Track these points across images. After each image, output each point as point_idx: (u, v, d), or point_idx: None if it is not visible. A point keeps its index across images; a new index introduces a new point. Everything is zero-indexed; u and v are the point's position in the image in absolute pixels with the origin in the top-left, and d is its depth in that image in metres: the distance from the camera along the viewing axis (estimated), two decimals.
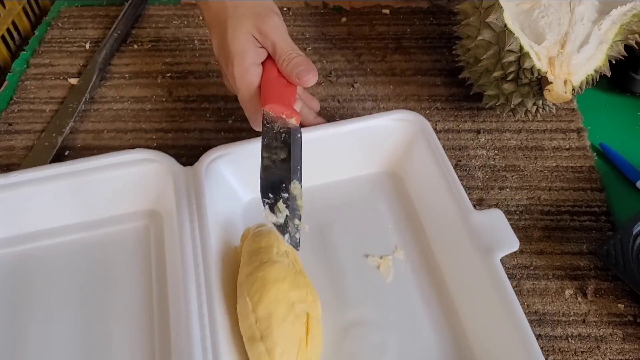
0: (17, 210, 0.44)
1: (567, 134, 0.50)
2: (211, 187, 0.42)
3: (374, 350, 0.38)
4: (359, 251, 0.43)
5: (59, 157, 0.51)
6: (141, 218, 0.45)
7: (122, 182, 0.44)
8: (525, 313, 0.39)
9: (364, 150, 0.46)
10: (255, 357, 0.34)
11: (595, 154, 0.49)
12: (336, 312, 0.39)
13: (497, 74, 0.45)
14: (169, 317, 0.39)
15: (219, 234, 0.41)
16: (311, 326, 0.35)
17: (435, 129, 0.51)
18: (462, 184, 0.47)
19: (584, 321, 0.39)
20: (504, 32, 0.43)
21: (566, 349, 0.38)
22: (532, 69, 0.43)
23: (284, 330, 0.34)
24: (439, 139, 0.50)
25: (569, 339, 0.39)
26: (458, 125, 0.51)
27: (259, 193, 0.43)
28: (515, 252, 0.43)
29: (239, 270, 0.38)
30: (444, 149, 0.49)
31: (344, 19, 0.62)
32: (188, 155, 0.50)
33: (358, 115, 0.53)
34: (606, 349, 0.38)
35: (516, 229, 0.44)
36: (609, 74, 0.46)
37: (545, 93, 0.42)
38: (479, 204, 0.46)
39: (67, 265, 0.43)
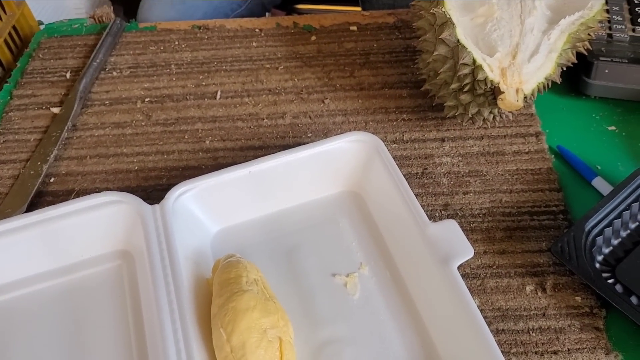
0: None
1: (526, 138, 0.53)
2: (179, 222, 0.44)
3: None
4: (325, 271, 0.44)
5: (44, 184, 0.53)
6: (113, 259, 0.46)
7: (92, 226, 0.45)
8: (489, 310, 0.42)
9: (323, 173, 0.48)
10: None
11: (553, 156, 0.52)
12: (308, 333, 0.41)
13: (454, 85, 0.48)
14: (147, 353, 0.40)
15: (190, 268, 0.42)
16: (285, 350, 0.37)
17: (402, 139, 0.54)
18: (429, 191, 0.50)
19: (544, 315, 0.42)
20: (457, 47, 0.46)
21: (527, 342, 0.41)
22: (485, 80, 0.46)
23: (259, 357, 0.36)
24: (406, 148, 0.53)
25: (530, 332, 0.41)
26: (424, 135, 0.54)
27: (226, 224, 0.44)
28: (479, 253, 0.46)
29: (212, 302, 0.40)
30: (411, 158, 0.52)
31: (313, 37, 0.65)
32: (168, 176, 0.53)
33: (329, 129, 0.56)
34: (565, 339, 0.40)
35: (479, 230, 0.47)
36: (559, 80, 0.48)
37: (499, 102, 0.45)
38: (444, 209, 0.48)
39: (44, 313, 0.44)
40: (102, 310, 0.44)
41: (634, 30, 0.57)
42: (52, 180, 0.54)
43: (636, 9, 0.59)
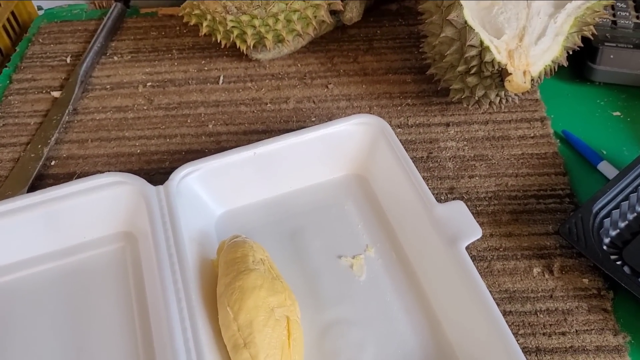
0: None
1: (531, 123, 0.53)
2: (183, 204, 0.43)
3: (354, 346, 0.39)
4: (331, 253, 0.44)
5: (45, 167, 0.53)
6: (116, 241, 0.46)
7: (95, 207, 0.45)
8: (496, 292, 0.42)
9: (329, 156, 0.48)
10: None
11: (558, 140, 0.52)
12: (314, 314, 0.41)
13: (460, 68, 0.47)
14: (151, 334, 0.40)
15: (194, 249, 0.42)
16: (292, 329, 0.37)
17: (406, 124, 0.54)
18: (434, 175, 0.50)
19: (551, 296, 0.42)
20: (465, 29, 0.45)
21: (535, 323, 0.40)
22: (492, 62, 0.45)
23: (266, 336, 0.35)
24: (411, 133, 0.53)
25: (538, 314, 0.41)
26: (428, 120, 0.54)
27: (231, 206, 0.44)
28: (485, 236, 0.45)
29: (218, 281, 0.39)
30: (416, 142, 0.52)
31: None
32: (171, 159, 0.52)
33: (333, 114, 0.55)
34: (572, 320, 0.40)
35: (485, 214, 0.47)
36: (565, 64, 0.48)
37: (506, 84, 0.45)
38: (450, 192, 0.48)
39: (46, 295, 0.43)
40: (105, 292, 0.43)
41: (638, 17, 0.57)
42: (53, 163, 0.53)
43: None
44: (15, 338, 0.41)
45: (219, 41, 0.56)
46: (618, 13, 0.58)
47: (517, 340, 0.39)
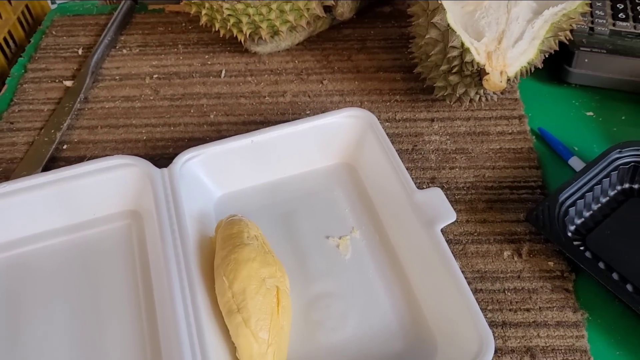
0: (7, 218, 0.48)
1: (510, 120, 0.57)
2: (185, 186, 0.47)
3: (337, 317, 0.43)
4: (320, 233, 0.48)
5: (58, 150, 0.57)
6: (123, 218, 0.50)
7: (104, 186, 0.49)
8: (469, 272, 0.46)
9: (320, 145, 0.52)
10: (234, 328, 0.39)
11: (534, 137, 0.56)
12: (303, 287, 0.45)
13: (443, 67, 0.51)
14: (154, 302, 0.44)
15: (195, 227, 0.46)
16: (281, 298, 0.40)
17: (394, 119, 0.58)
18: (418, 166, 0.54)
19: (519, 277, 0.46)
20: (447, 31, 0.49)
21: (503, 300, 0.44)
22: (472, 62, 0.49)
23: (257, 302, 0.39)
24: (398, 127, 0.57)
25: (506, 292, 0.45)
26: (415, 115, 0.58)
27: (229, 189, 0.48)
28: (462, 222, 0.49)
29: (215, 255, 0.43)
30: (402, 135, 0.56)
31: None
32: (174, 146, 0.56)
33: (327, 108, 0.59)
34: (537, 298, 0.44)
35: (463, 202, 0.51)
36: (540, 65, 0.52)
37: (484, 82, 0.49)
38: (431, 181, 0.52)
39: (58, 266, 0.47)
40: (112, 265, 0.47)
41: (614, 25, 0.61)
42: (64, 147, 0.57)
43: (617, 5, 0.63)
44: (29, 303, 0.45)
45: (217, 30, 0.60)
46: (596, 20, 0.62)
47: (486, 315, 0.43)
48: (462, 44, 0.49)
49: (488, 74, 0.49)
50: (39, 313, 0.44)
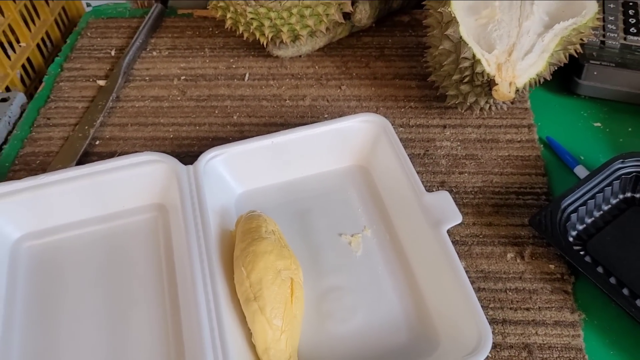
0: (45, 207, 0.51)
1: (519, 128, 0.59)
2: (209, 182, 0.50)
3: (346, 309, 0.46)
4: (333, 231, 0.51)
5: (91, 145, 0.60)
6: (150, 211, 0.53)
7: (134, 181, 0.52)
8: (473, 271, 0.49)
9: (336, 148, 0.55)
10: (251, 314, 0.42)
11: (542, 145, 0.58)
12: (315, 281, 0.48)
13: (456, 77, 0.54)
14: (177, 288, 0.47)
15: (217, 221, 0.49)
16: (295, 289, 0.43)
17: (408, 124, 0.61)
18: (428, 170, 0.56)
19: (520, 278, 0.48)
20: (460, 43, 0.52)
21: (504, 299, 0.47)
22: (482, 73, 0.52)
23: (273, 292, 0.42)
24: (411, 132, 0.60)
25: (507, 292, 0.47)
26: (428, 121, 0.61)
27: (250, 187, 0.51)
28: (468, 224, 0.52)
29: (235, 247, 0.46)
30: (415, 140, 0.59)
31: None
32: (199, 144, 0.60)
33: (344, 112, 0.62)
34: (537, 299, 0.47)
35: (470, 205, 0.53)
36: (549, 77, 0.55)
37: (493, 92, 0.52)
38: (441, 185, 0.55)
39: (91, 252, 0.51)
40: (139, 253, 0.51)
41: (625, 39, 0.63)
42: (97, 142, 0.61)
43: (629, 20, 0.65)
44: (64, 285, 0.49)
45: (241, 33, 0.63)
46: (607, 34, 0.64)
47: (487, 312, 0.46)
48: (474, 56, 0.52)
49: (497, 84, 0.51)
50: (73, 294, 0.48)
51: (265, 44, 0.64)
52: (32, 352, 0.45)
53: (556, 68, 0.56)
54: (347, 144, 0.55)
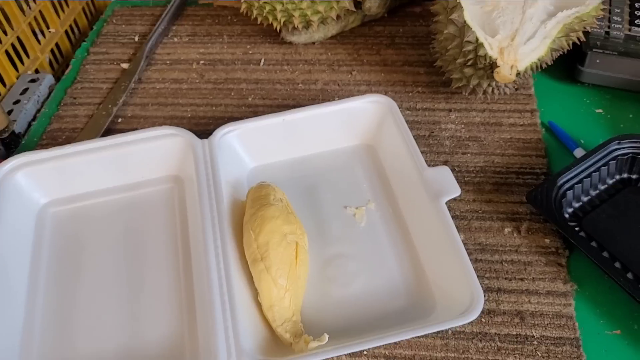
0: (70, 175, 0.55)
1: (522, 113, 0.61)
2: (223, 155, 0.53)
3: (349, 275, 0.49)
4: (338, 204, 0.54)
5: (113, 123, 0.64)
6: (167, 182, 0.56)
7: (152, 153, 0.55)
8: (471, 244, 0.51)
9: (344, 127, 0.57)
10: (257, 274, 0.45)
11: (543, 129, 0.60)
12: (320, 248, 0.51)
13: (460, 60, 0.56)
14: (190, 251, 0.50)
15: (229, 191, 0.52)
16: (299, 252, 0.46)
17: (415, 108, 0.63)
18: (433, 150, 0.59)
19: (516, 251, 0.50)
20: (464, 27, 0.54)
21: (500, 270, 0.49)
22: (485, 56, 0.54)
23: (278, 253, 0.45)
24: (417, 115, 0.62)
25: (503, 263, 0.49)
26: (434, 105, 0.63)
27: (261, 162, 0.54)
28: (468, 200, 0.54)
29: (245, 213, 0.49)
30: (421, 123, 0.61)
31: None
32: (215, 124, 0.63)
33: (354, 95, 0.64)
34: (531, 270, 0.49)
35: (472, 183, 0.55)
36: (550, 62, 0.57)
37: (495, 74, 0.54)
38: (443, 164, 0.57)
39: (110, 219, 0.54)
40: (156, 220, 0.54)
41: (630, 30, 0.65)
42: (119, 120, 0.64)
43: (635, 12, 0.67)
44: (87, 247, 0.52)
45: (255, 17, 0.66)
46: (612, 25, 0.66)
47: (483, 282, 0.48)
48: (477, 39, 0.54)
49: (499, 66, 0.54)
50: (94, 255, 0.52)
51: (278, 29, 0.67)
52: (54, 308, 0.48)
53: (558, 54, 0.58)
54: (355, 123, 0.58)
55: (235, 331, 0.42)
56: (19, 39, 0.70)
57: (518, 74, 0.55)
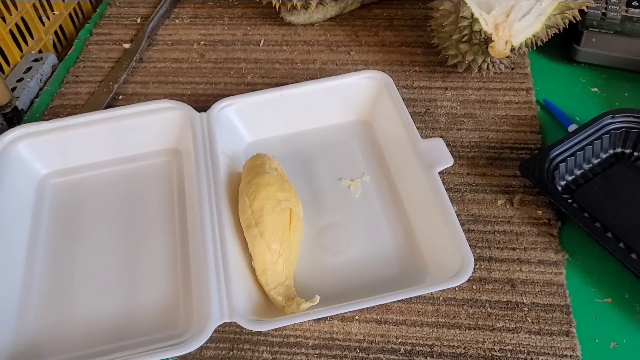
0: (70, 147, 0.56)
1: (518, 91, 0.62)
2: (220, 129, 0.54)
3: (342, 243, 0.49)
4: (334, 176, 0.55)
5: (114, 100, 0.65)
6: (166, 154, 0.57)
7: (152, 126, 0.56)
8: (464, 215, 0.52)
9: (340, 102, 0.58)
10: (251, 239, 0.46)
11: (539, 107, 0.60)
12: (315, 217, 0.51)
13: (455, 36, 0.57)
14: (187, 222, 0.51)
15: (226, 163, 0.52)
16: (293, 219, 0.47)
17: (412, 86, 0.64)
18: (428, 126, 0.59)
19: (509, 222, 0.51)
20: (460, 3, 0.55)
21: (492, 240, 0.50)
22: (480, 31, 0.55)
23: (272, 219, 0.46)
24: (414, 93, 0.63)
25: (495, 233, 0.50)
26: (430, 84, 0.64)
27: (258, 137, 0.55)
28: (462, 174, 0.55)
29: (241, 181, 0.50)
30: (417, 100, 0.62)
31: None
32: (214, 101, 0.63)
33: (351, 72, 0.65)
34: (523, 240, 0.49)
35: (466, 158, 0.56)
36: (545, 39, 0.57)
37: (490, 49, 0.54)
38: None
39: (109, 191, 0.55)
40: (155, 191, 0.55)
41: (626, 11, 0.65)
42: (120, 97, 0.65)
43: None
44: (85, 218, 0.53)
45: None
46: (609, 7, 0.66)
47: (475, 251, 0.49)
48: (472, 15, 0.55)
49: (494, 41, 0.54)
50: (92, 225, 0.53)
51: (277, 7, 0.68)
52: (52, 272, 0.49)
53: (554, 32, 0.58)
54: (351, 99, 0.58)
55: (229, 293, 0.43)
56: (23, 20, 0.71)
57: (512, 49, 0.55)
